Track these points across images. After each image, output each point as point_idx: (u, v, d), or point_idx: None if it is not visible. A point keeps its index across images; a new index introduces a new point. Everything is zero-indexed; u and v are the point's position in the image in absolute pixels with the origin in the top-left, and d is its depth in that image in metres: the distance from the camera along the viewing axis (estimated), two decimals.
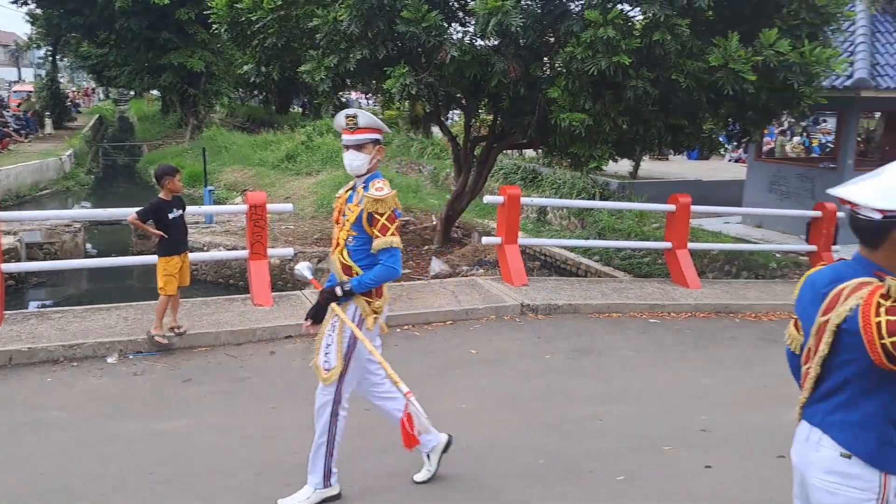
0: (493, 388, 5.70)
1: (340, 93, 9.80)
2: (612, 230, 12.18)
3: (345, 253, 3.75)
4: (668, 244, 9.03)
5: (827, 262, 9.69)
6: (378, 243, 3.63)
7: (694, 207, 9.11)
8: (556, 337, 6.95)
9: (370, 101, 31.90)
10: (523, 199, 8.89)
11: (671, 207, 8.97)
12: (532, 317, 7.52)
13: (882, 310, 2.03)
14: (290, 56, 9.07)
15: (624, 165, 17.08)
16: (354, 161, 3.70)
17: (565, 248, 11.40)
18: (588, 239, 11.94)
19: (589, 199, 14.39)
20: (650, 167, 19.67)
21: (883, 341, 2.02)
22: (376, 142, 3.74)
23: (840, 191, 2.18)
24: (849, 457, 2.19)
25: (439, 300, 7.58)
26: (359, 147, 3.68)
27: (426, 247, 11.00)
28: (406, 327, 7.02)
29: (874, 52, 10.97)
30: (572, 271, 10.92)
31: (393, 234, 3.65)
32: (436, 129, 20.53)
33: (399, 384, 3.60)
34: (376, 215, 3.62)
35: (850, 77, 10.50)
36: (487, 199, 8.81)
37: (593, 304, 7.80)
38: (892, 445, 2.19)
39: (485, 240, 8.90)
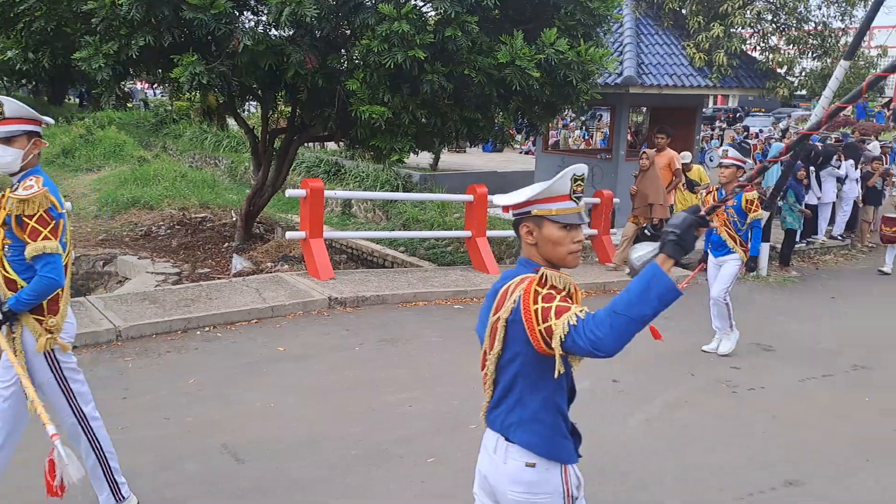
0: (303, 384, 5.63)
1: (123, 82, 9.10)
2: (417, 221, 12.46)
3: (6, 264, 3.29)
4: (468, 233, 9.41)
5: (606, 244, 10.42)
6: (30, 250, 3.20)
7: (490, 197, 9.57)
8: (365, 328, 6.99)
9: (157, 92, 29.99)
10: (327, 193, 8.83)
11: (469, 197, 9.35)
12: (340, 310, 7.51)
13: (539, 297, 2.14)
14: (62, 41, 8.25)
15: (425, 158, 17.53)
16: (3, 157, 3.24)
17: (371, 240, 11.49)
18: (393, 231, 12.12)
19: (392, 191, 14.60)
20: (449, 159, 20.35)
21: (539, 328, 2.12)
22: (31, 134, 3.31)
23: (493, 198, 2.45)
24: (533, 465, 2.27)
25: (243, 298, 7.33)
26: (8, 140, 3.23)
27: (226, 244, 10.57)
28: (207, 329, 6.70)
29: (640, 53, 12.14)
30: (379, 263, 11.03)
31: (46, 239, 3.21)
32: (232, 122, 19.76)
33: (47, 425, 3.05)
34: (25, 218, 3.19)
35: (620, 75, 11.54)
36: (290, 192, 8.65)
37: (400, 293, 7.94)
38: (564, 436, 2.32)
39: (289, 234, 8.73)
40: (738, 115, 35.66)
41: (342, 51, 8.64)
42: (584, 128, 26.55)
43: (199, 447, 4.53)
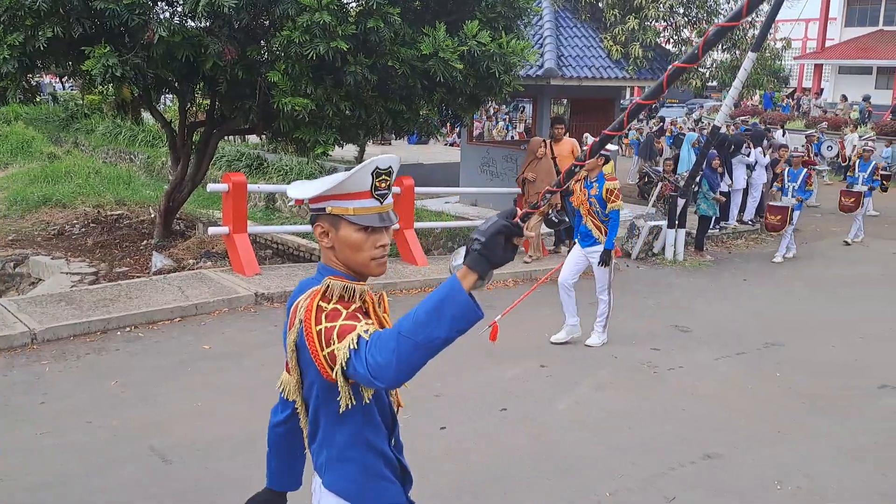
0: (230, 382, 5.54)
1: (30, 75, 8.68)
2: None
3: None
4: (395, 225, 9.41)
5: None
6: None
7: (417, 189, 9.60)
8: None
9: (67, 85, 28.65)
10: (250, 187, 8.68)
11: (396, 189, 9.35)
12: (268, 306, 7.40)
13: (323, 315, 1.78)
14: None
15: (350, 150, 17.41)
16: None
17: (297, 234, 11.34)
18: None
19: None
20: (374, 151, 20.27)
21: (324, 353, 1.75)
22: None
23: (287, 189, 2.00)
24: None
25: (164, 297, 7.13)
26: None
27: (145, 242, 10.24)
28: (127, 329, 6.50)
29: (559, 45, 12.39)
30: (306, 257, 10.89)
31: None
32: (148, 115, 19.09)
33: None
34: None
35: (541, 67, 11.74)
36: (211, 187, 8.46)
37: None
38: (381, 478, 1.97)
39: (211, 230, 8.55)
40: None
41: (262, 42, 8.48)
42: (507, 119, 26.86)
43: (127, 451, 4.41)
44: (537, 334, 6.80)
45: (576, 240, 6.78)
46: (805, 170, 10.81)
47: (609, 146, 6.80)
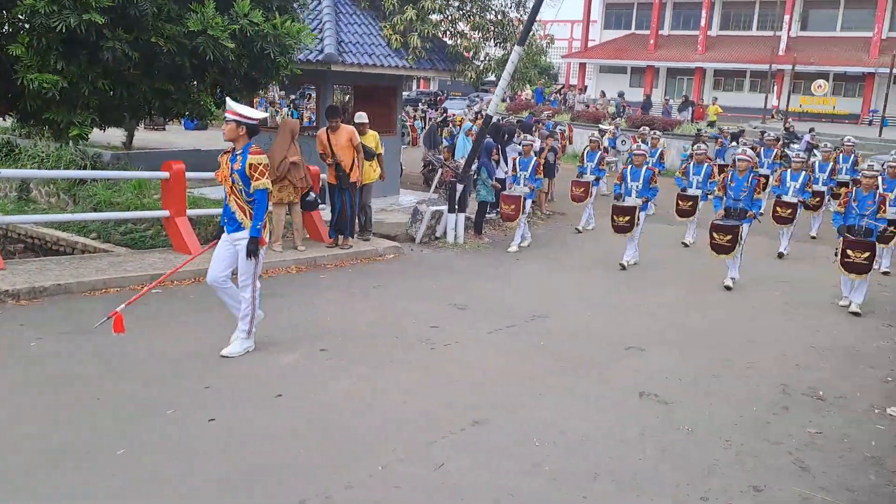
0: None
1: None
2: (110, 204, 11.42)
3: None
4: (165, 213, 8.86)
5: (317, 221, 10.15)
6: None
7: (192, 175, 9.08)
8: (44, 321, 6.28)
9: None
10: None
11: (165, 175, 8.79)
12: (13, 303, 6.65)
13: None
14: None
15: (117, 136, 16.13)
16: None
17: (52, 225, 10.29)
18: (75, 213, 10.95)
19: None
20: (146, 137, 18.91)
21: None
22: None
23: None
24: None
25: None
26: None
27: None
28: None
29: (339, 31, 12.35)
30: (67, 252, 9.92)
31: None
32: None
33: None
34: None
35: (321, 52, 11.64)
36: None
37: (87, 281, 7.25)
38: None
39: None
40: (437, 98, 38.01)
41: (3, 11, 7.58)
42: (291, 106, 26.34)
43: None
44: (320, 320, 6.78)
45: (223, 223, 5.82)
46: (535, 158, 11.29)
47: (255, 114, 5.62)
